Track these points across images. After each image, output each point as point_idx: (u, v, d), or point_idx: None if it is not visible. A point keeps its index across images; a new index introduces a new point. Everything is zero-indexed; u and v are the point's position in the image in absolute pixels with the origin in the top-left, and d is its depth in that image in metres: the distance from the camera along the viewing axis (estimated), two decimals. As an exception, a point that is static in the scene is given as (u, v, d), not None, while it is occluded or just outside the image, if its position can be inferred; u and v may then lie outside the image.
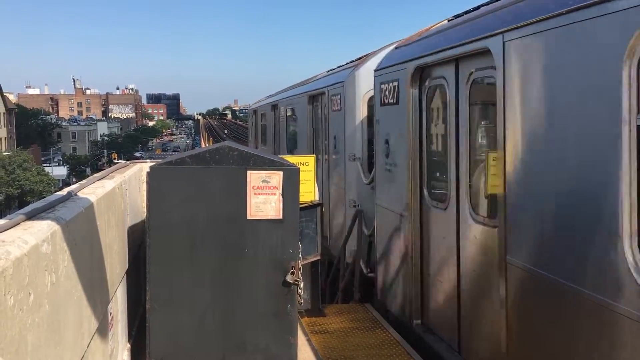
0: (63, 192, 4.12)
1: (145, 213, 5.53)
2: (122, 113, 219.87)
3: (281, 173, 5.08)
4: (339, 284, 9.93)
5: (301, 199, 5.43)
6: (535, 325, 4.58)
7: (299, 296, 5.15)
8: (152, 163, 5.49)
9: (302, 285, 5.19)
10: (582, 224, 3.99)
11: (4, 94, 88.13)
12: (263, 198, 5.06)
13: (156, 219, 5.00)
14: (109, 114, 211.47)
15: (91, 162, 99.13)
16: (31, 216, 3.21)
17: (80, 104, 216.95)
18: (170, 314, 5.01)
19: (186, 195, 5.01)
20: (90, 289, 3.77)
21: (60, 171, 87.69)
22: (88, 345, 3.74)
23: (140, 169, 6.91)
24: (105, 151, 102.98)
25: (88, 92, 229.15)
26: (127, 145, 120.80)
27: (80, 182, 4.90)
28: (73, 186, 4.63)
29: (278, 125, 16.88)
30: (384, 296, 8.15)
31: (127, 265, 5.53)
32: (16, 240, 2.64)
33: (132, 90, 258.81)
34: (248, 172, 5.06)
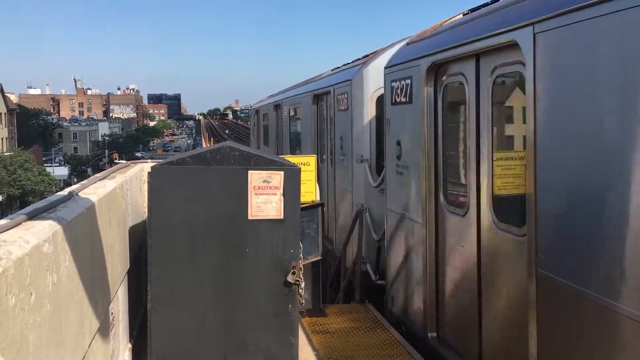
0: (64, 192, 4.13)
1: (146, 213, 5.53)
2: (123, 113, 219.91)
3: (282, 173, 5.08)
4: (341, 284, 9.90)
5: (302, 199, 5.43)
6: (573, 347, 4.13)
7: (300, 296, 5.15)
8: (153, 163, 5.49)
9: (303, 285, 5.19)
10: (635, 236, 3.53)
11: (5, 94, 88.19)
12: (264, 198, 5.06)
13: (157, 219, 5.00)
14: (110, 114, 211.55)
15: (92, 162, 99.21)
16: (32, 216, 3.22)
17: (81, 104, 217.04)
18: (171, 314, 5.02)
19: (187, 195, 5.01)
20: (91, 289, 3.77)
21: (61, 171, 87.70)
22: (89, 345, 3.74)
23: (141, 169, 6.92)
24: (106, 151, 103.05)
25: (89, 92, 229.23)
26: (128, 145, 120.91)
27: (81, 182, 4.91)
28: (74, 186, 4.64)
29: (281, 125, 16.56)
30: (395, 305, 7.80)
31: (128, 265, 5.54)
32: (18, 240, 2.65)
33: (133, 90, 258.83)
34: (249, 172, 5.06)
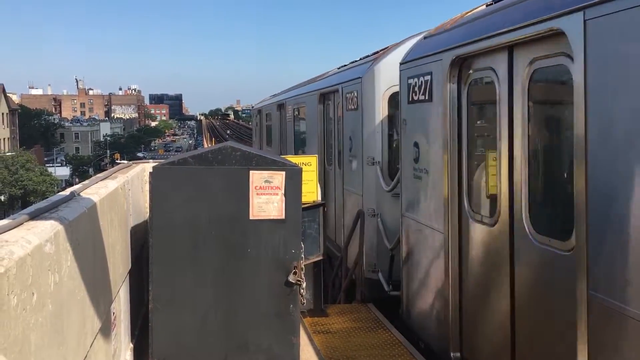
0: (66, 192, 4.13)
1: (147, 213, 5.54)
2: (125, 113, 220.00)
3: (283, 173, 5.09)
4: (342, 284, 9.88)
5: (303, 199, 5.43)
6: None
7: (302, 296, 5.15)
8: (155, 163, 5.50)
9: (305, 285, 5.19)
10: None
11: (7, 95, 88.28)
12: (265, 198, 5.07)
13: (159, 219, 5.01)
14: (112, 115, 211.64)
15: (94, 163, 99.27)
16: (34, 216, 3.22)
17: (83, 105, 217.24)
18: (172, 314, 5.02)
19: (188, 195, 5.02)
20: (93, 289, 3.78)
21: (63, 171, 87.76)
22: (91, 345, 3.74)
23: (142, 169, 6.92)
24: (108, 151, 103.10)
25: (91, 93, 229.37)
26: (130, 145, 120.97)
27: (83, 183, 4.92)
28: (76, 186, 4.64)
29: (285, 125, 15.96)
30: (412, 319, 7.22)
31: (130, 265, 5.54)
32: (19, 240, 2.65)
33: (135, 90, 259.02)
34: (250, 172, 5.06)
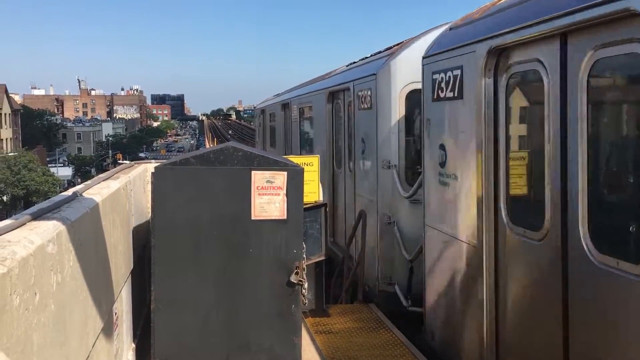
0: (68, 193, 4.14)
1: (149, 213, 5.55)
2: (127, 114, 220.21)
3: (285, 173, 5.09)
4: (343, 284, 9.87)
5: (305, 199, 5.44)
6: None
7: (303, 296, 5.16)
8: (157, 164, 5.51)
9: (306, 285, 5.20)
10: None
11: (10, 95, 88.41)
12: (267, 198, 5.07)
13: (161, 220, 5.02)
14: (114, 115, 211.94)
15: (96, 163, 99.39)
16: (37, 216, 3.23)
17: (85, 105, 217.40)
18: (174, 314, 5.03)
19: (190, 195, 5.02)
20: (95, 289, 3.79)
21: (65, 172, 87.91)
22: (93, 345, 3.75)
23: (145, 170, 6.93)
24: (110, 152, 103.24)
25: (93, 93, 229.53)
26: (132, 145, 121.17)
27: (85, 183, 4.93)
28: (78, 187, 4.65)
29: (289, 126, 15.42)
30: (437, 340, 6.61)
31: (132, 265, 5.55)
32: (22, 240, 2.66)
33: (137, 91, 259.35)
34: (252, 173, 5.07)
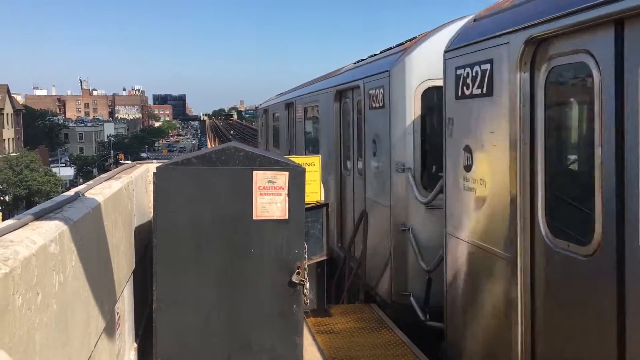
0: (70, 193, 4.15)
1: (151, 213, 5.56)
2: (129, 114, 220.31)
3: (287, 173, 5.10)
4: (345, 284, 9.88)
5: (307, 200, 5.45)
6: None
7: (305, 296, 5.17)
8: (159, 164, 5.51)
9: (308, 285, 5.21)
10: None
11: (12, 95, 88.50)
12: (269, 198, 5.08)
13: (162, 220, 5.02)
14: (116, 115, 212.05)
15: (98, 163, 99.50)
16: (39, 216, 3.24)
17: (87, 105, 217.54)
18: (176, 314, 5.04)
19: (192, 195, 5.03)
20: (97, 289, 3.79)
21: (67, 172, 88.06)
22: (95, 344, 3.76)
23: (146, 170, 6.94)
24: (112, 152, 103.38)
25: (95, 93, 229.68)
26: (134, 145, 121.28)
27: (87, 183, 4.94)
28: (80, 187, 4.66)
29: (294, 126, 14.93)
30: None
31: (134, 265, 5.56)
32: (24, 240, 2.67)
33: (139, 91, 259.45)
34: (254, 173, 5.07)
